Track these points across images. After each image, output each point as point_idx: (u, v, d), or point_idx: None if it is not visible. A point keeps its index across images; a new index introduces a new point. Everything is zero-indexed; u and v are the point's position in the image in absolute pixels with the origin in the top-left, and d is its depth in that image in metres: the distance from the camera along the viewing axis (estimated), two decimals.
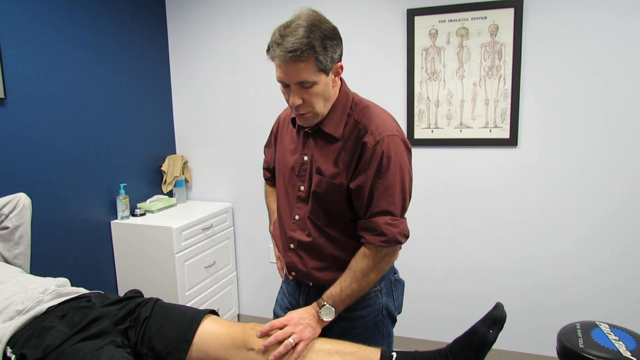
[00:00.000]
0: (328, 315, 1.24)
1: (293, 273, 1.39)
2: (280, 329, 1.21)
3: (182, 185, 3.05)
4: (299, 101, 1.18)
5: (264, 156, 1.66)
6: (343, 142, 1.25)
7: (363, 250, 1.25)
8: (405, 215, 1.27)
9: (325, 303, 1.24)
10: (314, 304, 1.26)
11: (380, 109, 1.30)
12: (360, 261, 1.24)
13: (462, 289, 2.62)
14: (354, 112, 1.27)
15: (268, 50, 1.18)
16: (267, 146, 1.61)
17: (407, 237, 1.26)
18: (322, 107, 1.23)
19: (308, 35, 1.11)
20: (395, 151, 1.21)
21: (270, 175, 1.63)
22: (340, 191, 1.24)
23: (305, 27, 1.12)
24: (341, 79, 1.31)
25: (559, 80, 2.29)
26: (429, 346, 1.23)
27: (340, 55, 1.22)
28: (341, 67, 1.23)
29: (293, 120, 1.37)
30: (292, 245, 1.36)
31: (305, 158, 1.31)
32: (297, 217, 1.34)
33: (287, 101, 1.23)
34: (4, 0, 2.02)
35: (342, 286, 1.24)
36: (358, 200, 1.24)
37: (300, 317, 1.23)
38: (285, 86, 1.20)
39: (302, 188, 1.32)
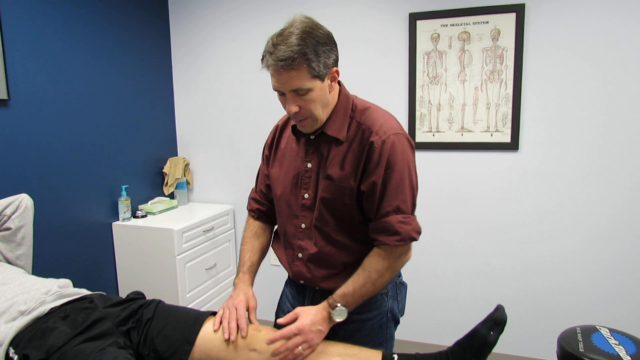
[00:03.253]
0: (340, 316, 1.23)
1: (301, 281, 1.38)
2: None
3: (183, 187, 3.06)
4: (295, 108, 1.18)
5: (254, 183, 1.55)
6: (348, 145, 1.25)
7: (377, 250, 1.24)
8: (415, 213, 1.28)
9: (338, 305, 1.22)
10: (325, 305, 1.23)
11: (381, 109, 1.31)
12: (376, 261, 1.23)
13: (462, 293, 2.62)
14: (355, 114, 1.27)
15: (262, 60, 1.18)
16: (260, 167, 1.53)
17: (419, 233, 1.26)
18: (320, 113, 1.22)
19: (299, 43, 1.11)
20: (401, 149, 1.22)
21: (258, 206, 1.51)
22: (351, 194, 1.24)
23: (296, 35, 1.12)
24: (340, 83, 1.31)
25: (560, 84, 2.30)
26: (429, 350, 1.23)
27: (336, 60, 1.21)
28: (337, 72, 1.23)
29: (294, 128, 1.36)
30: (300, 255, 1.35)
31: (309, 165, 1.30)
32: (303, 225, 1.33)
33: (285, 109, 1.23)
34: (8, 2, 2.04)
35: (355, 287, 1.23)
36: (369, 202, 1.24)
37: (312, 323, 1.21)
38: (282, 94, 1.20)
39: (306, 196, 1.31)
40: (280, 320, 1.24)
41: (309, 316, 1.22)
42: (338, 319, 1.23)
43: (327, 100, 1.24)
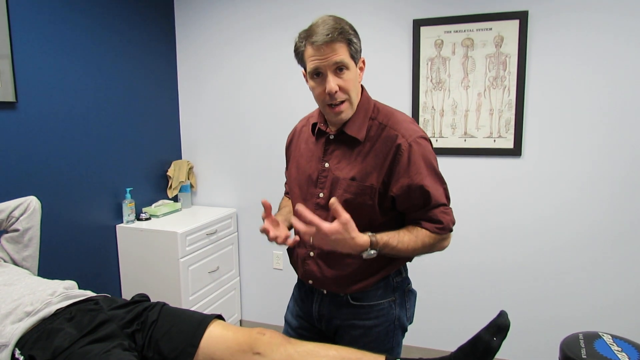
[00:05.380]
0: (367, 255, 1.19)
1: (310, 281, 1.39)
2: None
3: (187, 190, 3.07)
4: (336, 87, 1.20)
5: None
6: (370, 145, 1.27)
7: (422, 228, 1.27)
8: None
9: (377, 249, 1.18)
10: (366, 238, 1.16)
11: (403, 113, 1.34)
12: (424, 235, 1.26)
13: (465, 299, 2.62)
14: (378, 115, 1.30)
15: (297, 50, 1.23)
16: (286, 169, 1.57)
17: (454, 224, 1.31)
18: (355, 98, 1.26)
19: (339, 22, 1.19)
20: (429, 151, 1.28)
21: (291, 198, 1.55)
22: (372, 194, 1.25)
23: (333, 19, 1.20)
24: (362, 86, 1.34)
25: (564, 91, 2.31)
26: (432, 355, 1.23)
27: (361, 51, 1.26)
28: (363, 62, 1.28)
29: (313, 127, 1.38)
30: (312, 254, 1.36)
31: (327, 165, 1.32)
32: None
33: (317, 98, 1.25)
34: (17, 5, 2.06)
35: (399, 245, 1.21)
36: (407, 202, 1.26)
37: (344, 240, 1.12)
38: (319, 76, 1.21)
39: (321, 195, 1.32)
40: (332, 200, 1.11)
41: (347, 236, 1.13)
42: (364, 255, 1.19)
43: (358, 90, 1.29)
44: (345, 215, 1.11)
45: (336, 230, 1.11)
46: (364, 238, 1.16)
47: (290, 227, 1.47)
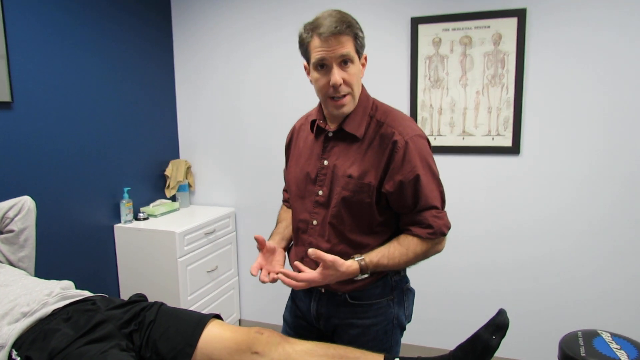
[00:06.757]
0: (360, 279, 1.24)
1: None
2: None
3: (185, 189, 3.07)
4: (340, 79, 1.20)
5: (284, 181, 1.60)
6: (368, 142, 1.27)
7: (414, 237, 1.26)
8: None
9: (368, 274, 1.23)
10: (356, 266, 1.21)
11: (400, 112, 1.34)
12: (415, 244, 1.25)
13: (463, 298, 2.62)
14: (376, 113, 1.30)
15: (302, 41, 1.23)
16: (285, 168, 1.58)
17: (449, 228, 1.29)
18: (357, 92, 1.27)
19: (345, 16, 1.20)
20: (425, 150, 1.28)
21: (289, 196, 1.55)
22: (369, 191, 1.25)
23: (338, 12, 1.20)
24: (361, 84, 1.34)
25: (561, 89, 2.31)
26: (431, 353, 1.23)
27: (364, 46, 1.26)
28: (365, 59, 1.28)
29: (312, 124, 1.38)
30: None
31: (326, 162, 1.32)
32: (315, 222, 1.34)
33: (320, 90, 1.24)
34: (12, 5, 2.05)
35: (389, 261, 1.23)
36: (400, 202, 1.26)
37: (336, 277, 1.20)
38: (323, 68, 1.21)
39: (320, 192, 1.32)
40: (310, 252, 1.18)
41: (337, 272, 1.19)
42: (359, 279, 1.24)
43: (360, 85, 1.29)
44: (329, 259, 1.16)
45: (324, 275, 1.18)
46: (353, 267, 1.20)
47: (288, 244, 1.49)
